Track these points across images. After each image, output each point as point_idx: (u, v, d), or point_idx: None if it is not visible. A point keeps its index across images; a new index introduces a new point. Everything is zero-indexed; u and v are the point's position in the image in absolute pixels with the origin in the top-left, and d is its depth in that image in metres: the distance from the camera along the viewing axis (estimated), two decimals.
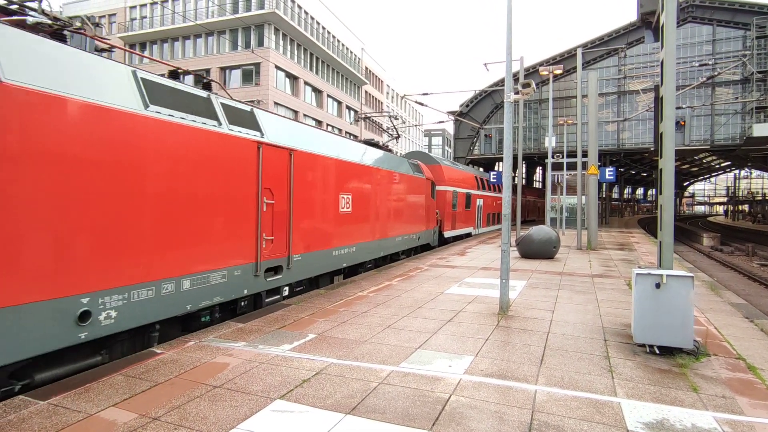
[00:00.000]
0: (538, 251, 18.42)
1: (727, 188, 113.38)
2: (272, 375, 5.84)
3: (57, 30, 6.27)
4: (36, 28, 5.96)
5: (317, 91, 54.24)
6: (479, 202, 31.91)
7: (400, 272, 14.31)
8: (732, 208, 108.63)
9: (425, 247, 21.84)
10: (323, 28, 54.69)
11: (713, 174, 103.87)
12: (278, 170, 9.57)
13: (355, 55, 64.96)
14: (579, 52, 25.26)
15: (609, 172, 24.21)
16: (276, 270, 9.75)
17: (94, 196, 5.94)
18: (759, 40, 41.08)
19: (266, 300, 9.65)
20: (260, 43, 44.87)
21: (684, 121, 39.75)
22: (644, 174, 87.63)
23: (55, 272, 5.49)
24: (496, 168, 56.56)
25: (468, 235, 29.90)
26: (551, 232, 18.80)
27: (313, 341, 7.29)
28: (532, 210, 53.95)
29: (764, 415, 4.95)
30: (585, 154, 23.56)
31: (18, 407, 4.81)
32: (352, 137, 15.34)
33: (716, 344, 7.47)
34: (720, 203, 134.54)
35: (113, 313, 6.17)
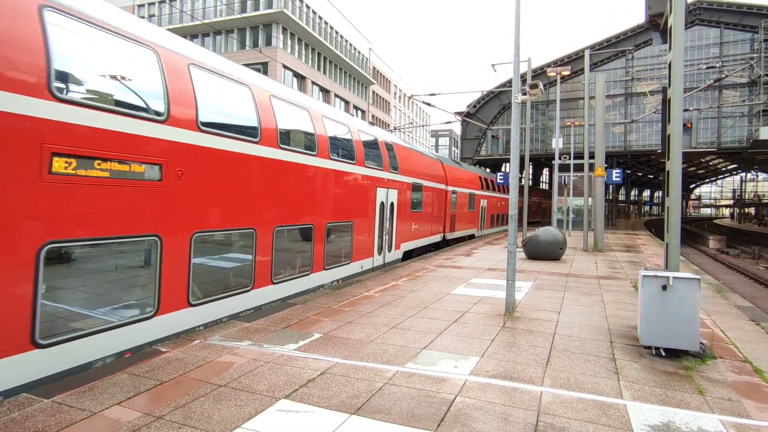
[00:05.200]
0: (544, 252, 18.37)
1: (734, 191, 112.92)
2: (277, 374, 5.85)
3: None
4: None
5: (325, 91, 54.29)
6: None
7: (406, 272, 14.30)
8: (738, 210, 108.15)
9: None
10: (331, 27, 54.75)
11: (720, 176, 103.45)
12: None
13: (363, 55, 65.00)
14: (587, 53, 25.20)
15: (616, 174, 24.13)
16: None
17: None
18: (766, 42, 40.84)
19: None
20: (268, 43, 44.95)
21: (691, 124, 39.57)
22: (651, 176, 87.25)
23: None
24: (503, 169, 56.51)
25: None
26: (558, 233, 18.75)
27: (319, 341, 7.29)
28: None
29: None
30: (592, 156, 23.47)
31: (22, 405, 4.83)
32: None
33: (722, 347, 7.43)
34: (726, 206, 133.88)
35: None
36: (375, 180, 14.57)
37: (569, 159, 29.75)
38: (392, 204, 16.12)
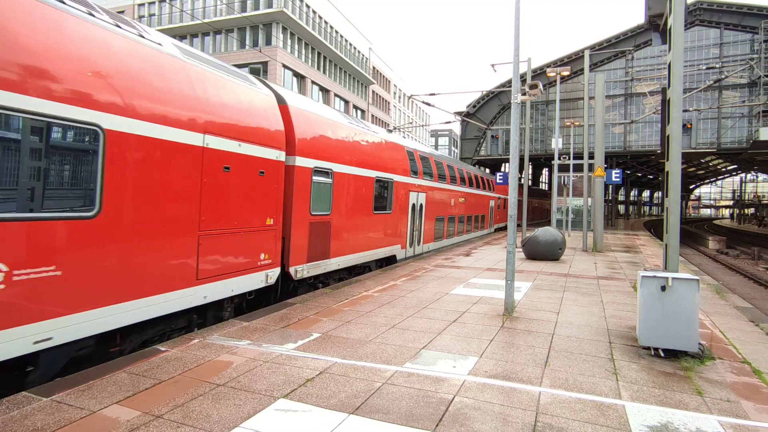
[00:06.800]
0: (543, 253, 18.38)
1: (734, 191, 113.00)
2: (276, 374, 5.85)
3: None
4: None
5: (324, 91, 54.27)
6: None
7: (405, 272, 14.30)
8: (738, 211, 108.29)
9: None
10: (331, 27, 54.74)
11: (719, 177, 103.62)
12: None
13: (363, 55, 64.97)
14: (586, 53, 25.20)
15: (615, 174, 24.12)
16: None
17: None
18: (767, 43, 40.86)
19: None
20: (268, 42, 44.92)
21: (690, 124, 39.64)
22: (650, 176, 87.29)
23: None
24: (502, 169, 56.53)
25: None
26: (557, 233, 18.75)
27: (318, 340, 7.29)
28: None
29: None
30: (591, 156, 23.49)
31: (21, 404, 4.83)
32: None
33: (721, 348, 7.43)
34: (726, 206, 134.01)
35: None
36: None
37: (569, 159, 29.77)
38: None
